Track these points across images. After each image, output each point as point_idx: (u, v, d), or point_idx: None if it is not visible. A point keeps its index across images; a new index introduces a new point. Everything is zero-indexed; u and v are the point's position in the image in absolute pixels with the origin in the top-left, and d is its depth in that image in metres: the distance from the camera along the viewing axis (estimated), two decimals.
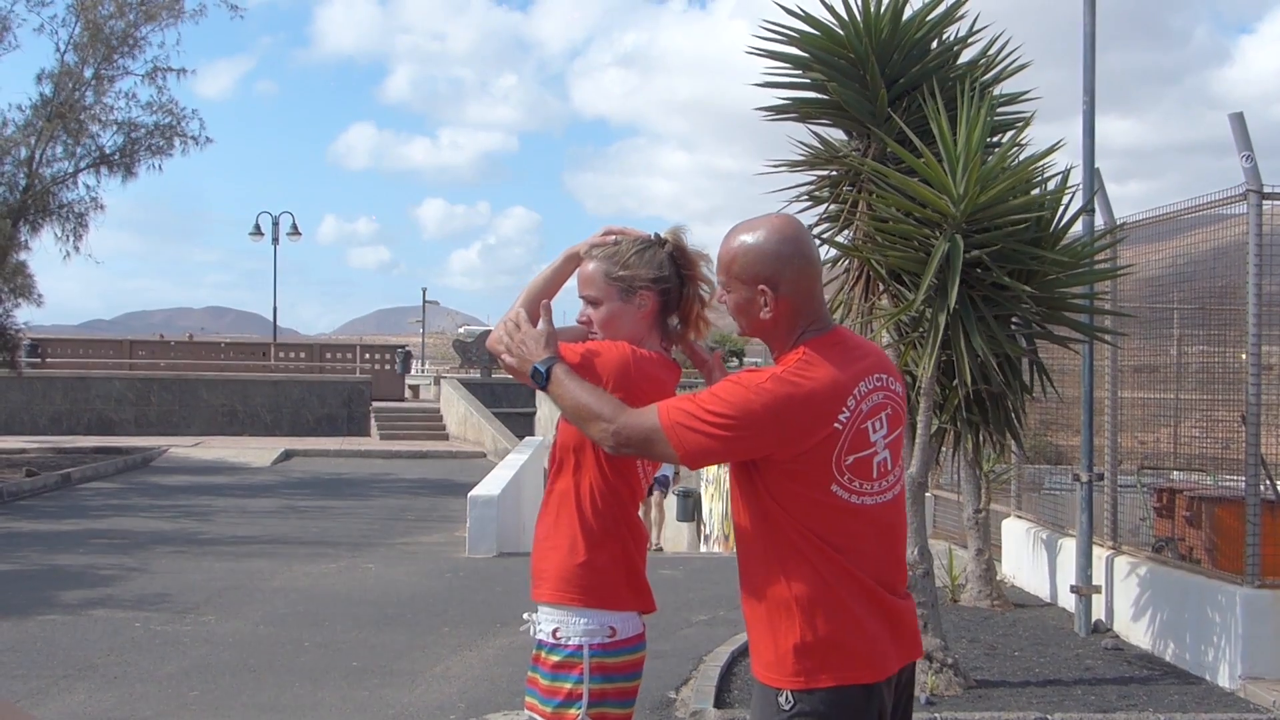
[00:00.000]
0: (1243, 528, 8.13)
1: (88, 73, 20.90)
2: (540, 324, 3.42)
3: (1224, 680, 8.05)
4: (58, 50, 20.87)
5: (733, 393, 3.06)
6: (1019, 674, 8.24)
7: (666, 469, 13.50)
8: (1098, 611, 9.68)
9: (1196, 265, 9.89)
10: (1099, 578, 9.70)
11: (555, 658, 3.33)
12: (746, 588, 3.21)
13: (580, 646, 3.34)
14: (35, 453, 24.86)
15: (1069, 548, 10.23)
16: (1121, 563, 9.59)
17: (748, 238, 3.21)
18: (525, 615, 3.49)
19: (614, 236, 3.57)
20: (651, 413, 3.14)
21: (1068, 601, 10.16)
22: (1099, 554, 9.77)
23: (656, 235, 3.64)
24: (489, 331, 3.94)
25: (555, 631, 3.35)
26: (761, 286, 3.16)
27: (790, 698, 3.03)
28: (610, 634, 3.36)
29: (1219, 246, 9.45)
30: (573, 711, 3.29)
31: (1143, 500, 10.24)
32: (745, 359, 57.14)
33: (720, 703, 7.46)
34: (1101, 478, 9.88)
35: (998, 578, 10.75)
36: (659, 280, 3.54)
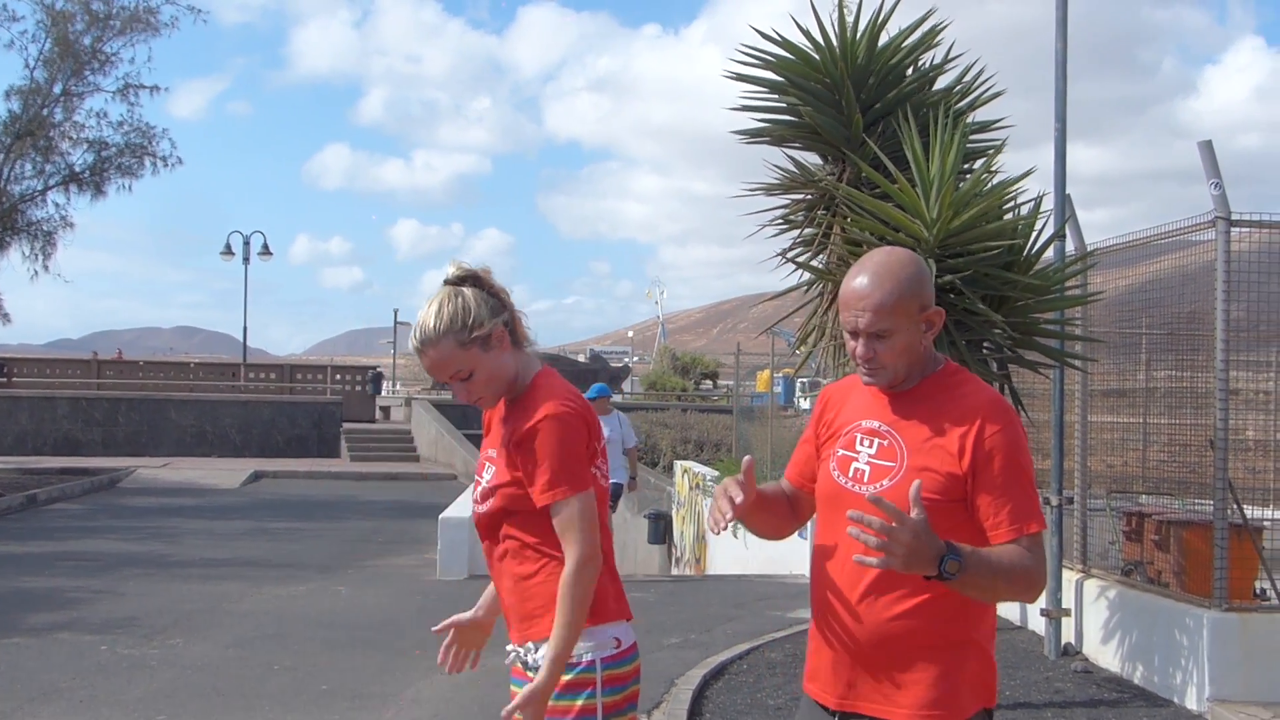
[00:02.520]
0: (1210, 551, 8.17)
1: (57, 89, 20.80)
2: (915, 513, 2.74)
3: (1192, 703, 8.08)
4: (27, 66, 20.77)
5: (1029, 464, 3.05)
6: None
7: (620, 475, 13.21)
8: (1067, 634, 9.71)
9: (1165, 291, 9.97)
10: (1069, 601, 9.73)
11: (566, 677, 3.30)
12: (940, 623, 3.00)
13: (593, 662, 3.34)
14: (1, 473, 24.65)
15: None
16: (1091, 586, 9.63)
17: (906, 262, 3.07)
18: (509, 648, 3.47)
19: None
20: (1039, 541, 3.00)
21: (1038, 625, 10.19)
22: (1069, 577, 9.81)
23: (451, 277, 3.46)
24: None
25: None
26: (931, 311, 3.08)
27: None
28: (616, 645, 3.39)
29: (1187, 272, 9.52)
30: None
31: (1112, 524, 10.28)
32: (719, 380, 57.05)
33: None
34: (1071, 501, 9.93)
35: None
36: (496, 311, 3.43)
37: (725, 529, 3.12)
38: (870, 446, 3.07)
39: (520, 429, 3.35)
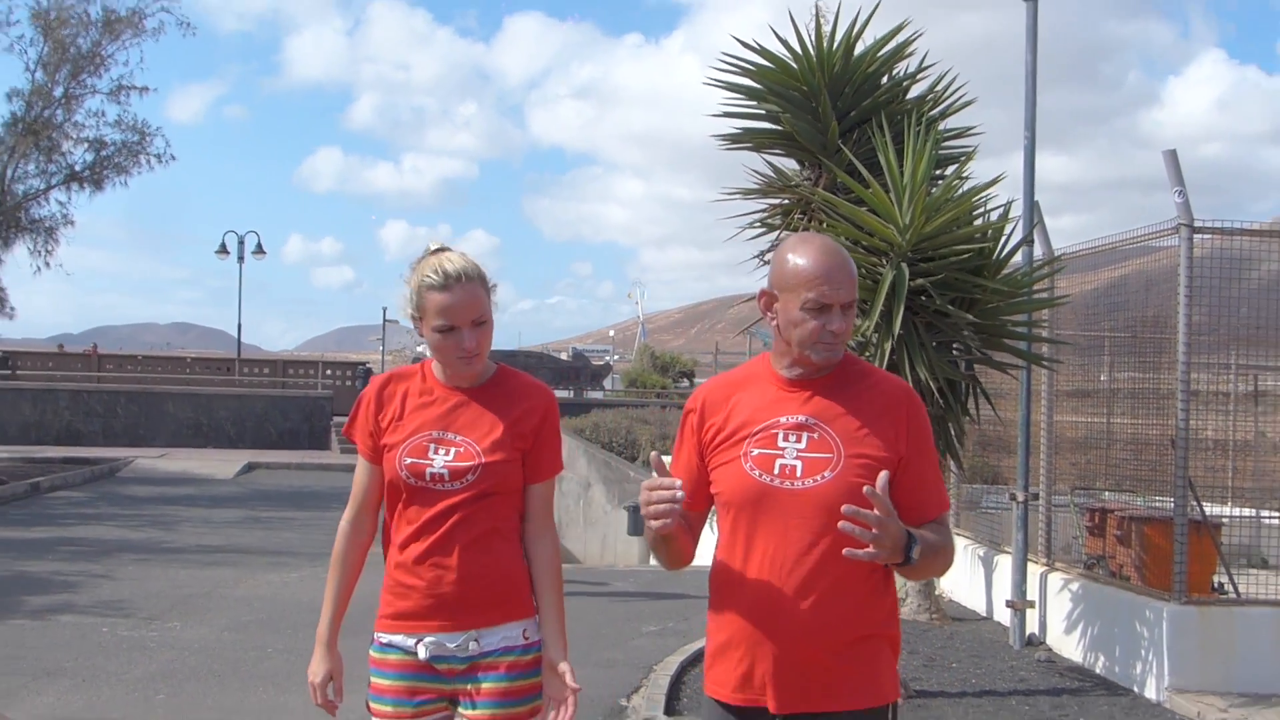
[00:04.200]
0: (1170, 546, 8.20)
1: (57, 91, 20.74)
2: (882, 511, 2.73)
3: (1151, 692, 8.11)
4: (27, 69, 20.73)
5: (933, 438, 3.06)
6: (956, 685, 8.26)
7: None
8: (1032, 625, 9.73)
9: (1129, 295, 9.99)
10: (1033, 593, 9.74)
11: (531, 655, 3.29)
12: (870, 614, 2.96)
13: (539, 641, 3.33)
14: (4, 462, 24.51)
15: (1005, 564, 10.28)
16: (1055, 579, 9.64)
17: (845, 250, 3.05)
18: (428, 639, 3.29)
19: None
20: (948, 519, 3.02)
21: (1003, 616, 10.20)
22: (1033, 570, 9.82)
23: (438, 247, 3.35)
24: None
25: (525, 633, 3.30)
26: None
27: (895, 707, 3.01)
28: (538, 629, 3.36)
29: (1150, 277, 9.54)
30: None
31: (1075, 519, 10.31)
32: (694, 379, 57.02)
33: (670, 710, 7.44)
34: (1036, 497, 9.94)
35: (936, 592, 10.78)
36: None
37: (678, 495, 2.83)
38: (799, 441, 2.93)
39: (526, 410, 3.32)
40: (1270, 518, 10.66)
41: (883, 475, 2.77)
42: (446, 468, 3.25)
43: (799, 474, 2.91)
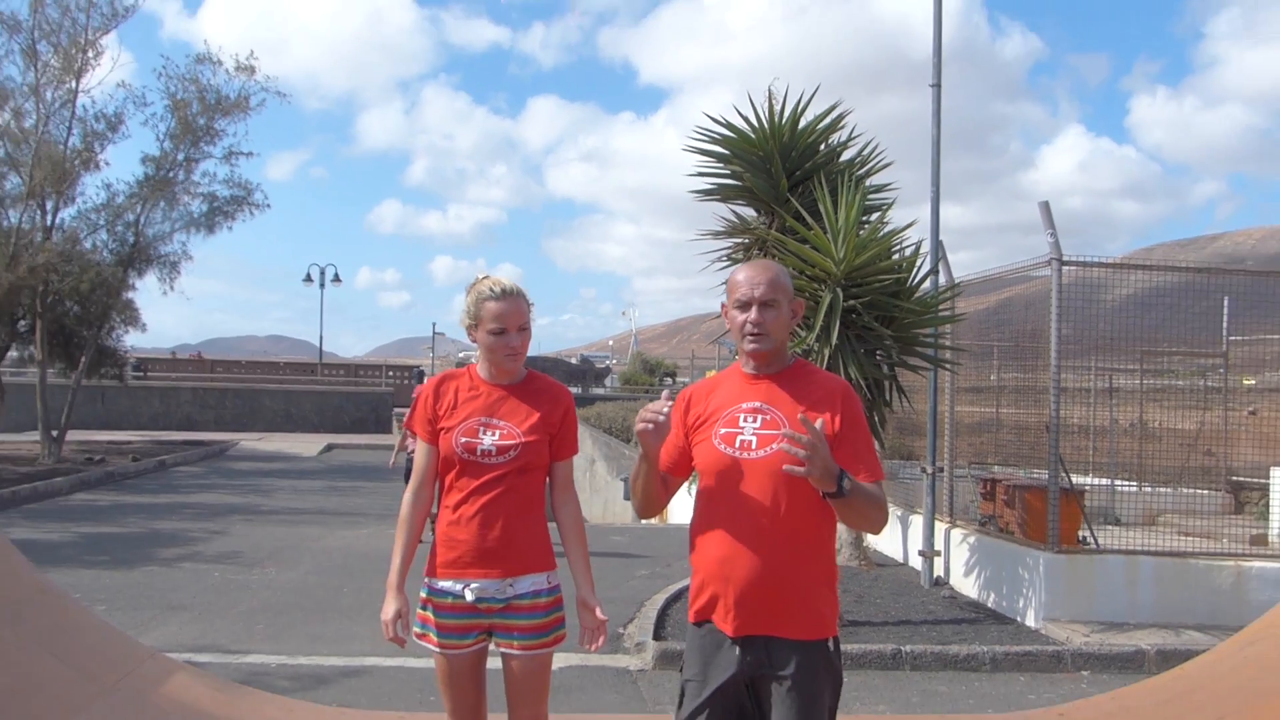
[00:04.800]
0: (1045, 508, 8.21)
1: (180, 157, 20.72)
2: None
3: (1031, 621, 8.11)
4: (158, 140, 20.68)
5: (866, 422, 3.00)
6: (880, 616, 8.26)
7: None
8: (938, 570, 9.74)
9: (1012, 313, 10.01)
10: (940, 544, 9.76)
11: (552, 598, 3.31)
12: (812, 563, 2.92)
13: (559, 586, 3.34)
14: (138, 444, 24.43)
15: (917, 522, 10.29)
16: (956, 534, 9.65)
17: (780, 266, 3.05)
18: (474, 584, 3.26)
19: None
20: (882, 487, 2.93)
21: (916, 562, 10.21)
22: (940, 527, 9.83)
23: (479, 277, 3.40)
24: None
25: (548, 579, 3.31)
26: (796, 301, 3.06)
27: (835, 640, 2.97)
28: None
29: (1029, 299, 9.56)
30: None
31: (972, 487, 10.31)
32: (677, 378, 56.96)
33: (657, 636, 7.41)
34: (942, 470, 9.95)
35: (864, 544, 10.80)
36: None
37: (662, 415, 2.91)
38: (754, 422, 2.93)
39: (552, 404, 3.35)
40: (1122, 486, 10.69)
41: (820, 420, 2.78)
42: (494, 445, 3.26)
43: (754, 447, 2.91)
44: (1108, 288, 8.72)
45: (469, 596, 3.25)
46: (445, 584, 3.28)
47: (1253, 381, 11.95)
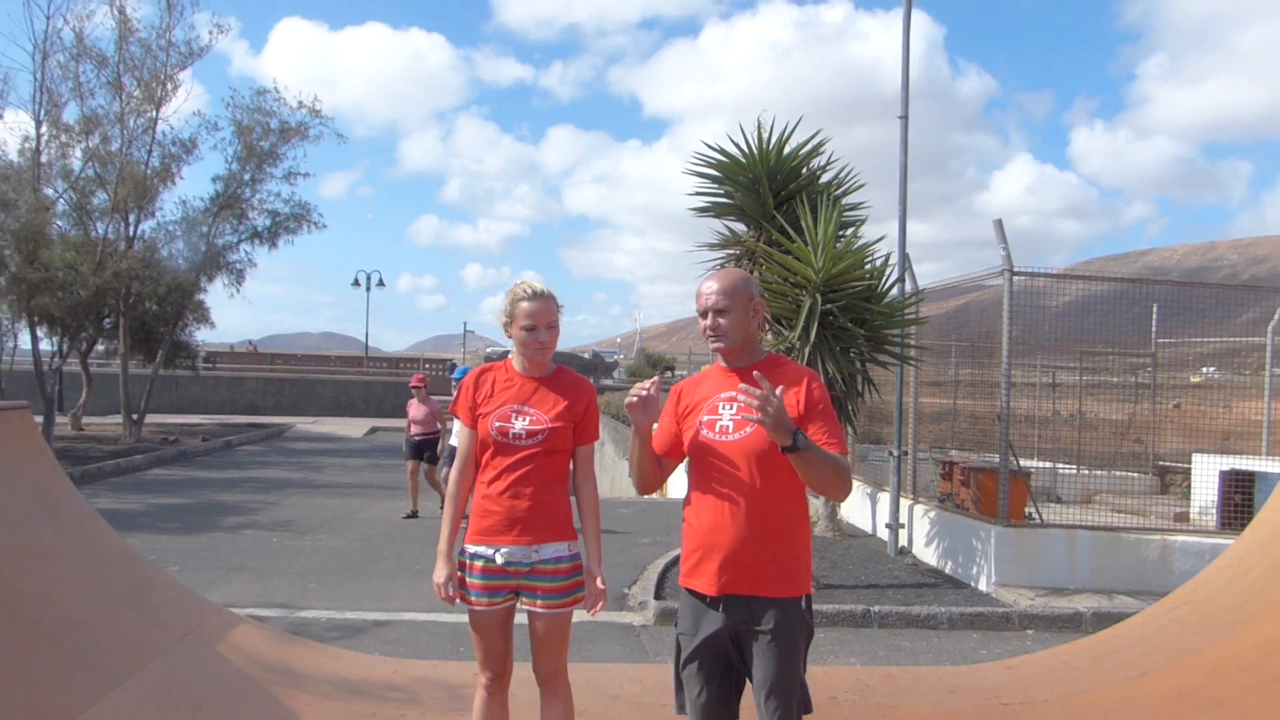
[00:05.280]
0: (996, 488, 8.20)
1: (246, 177, 20.77)
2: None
3: (983, 586, 8.10)
4: (226, 162, 20.78)
5: (830, 403, 2.97)
6: (851, 580, 8.24)
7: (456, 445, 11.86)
8: (903, 540, 9.72)
9: (969, 317, 9.98)
10: (904, 518, 9.74)
11: (572, 564, 3.29)
12: (786, 532, 2.91)
13: (579, 554, 3.34)
14: (207, 426, 24.46)
15: (884, 499, 10.28)
16: (919, 509, 9.63)
17: (740, 274, 3.07)
18: (504, 549, 3.24)
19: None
20: (848, 460, 2.90)
21: (883, 534, 10.19)
22: (904, 503, 9.81)
23: (518, 282, 3.39)
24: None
25: (570, 548, 3.30)
26: (756, 301, 3.04)
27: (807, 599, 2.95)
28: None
29: (984, 305, 9.53)
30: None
31: (932, 469, 10.31)
32: (676, 370, 56.87)
33: (657, 595, 7.41)
34: (906, 453, 9.93)
35: (839, 517, 10.78)
36: None
37: (646, 391, 3.01)
38: (731, 409, 2.95)
39: (577, 396, 3.33)
40: (1063, 468, 10.67)
41: (781, 388, 2.76)
42: (525, 430, 3.26)
43: (731, 431, 2.93)
44: (1052, 295, 8.70)
45: (499, 560, 3.24)
46: (479, 549, 3.28)
47: (1199, 379, 11.91)
